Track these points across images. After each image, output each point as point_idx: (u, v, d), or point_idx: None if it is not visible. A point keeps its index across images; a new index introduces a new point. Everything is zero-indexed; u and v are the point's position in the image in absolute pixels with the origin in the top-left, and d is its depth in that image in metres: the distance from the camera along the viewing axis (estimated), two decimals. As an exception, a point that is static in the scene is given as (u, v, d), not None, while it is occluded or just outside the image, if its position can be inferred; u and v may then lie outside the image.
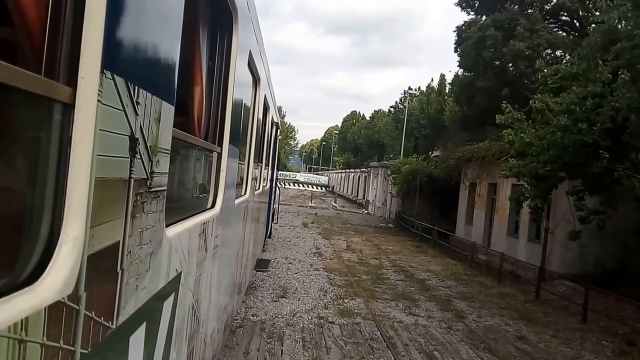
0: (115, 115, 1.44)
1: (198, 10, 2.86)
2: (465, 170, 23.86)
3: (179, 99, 2.13)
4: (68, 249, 1.25)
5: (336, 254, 16.98)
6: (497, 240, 19.57)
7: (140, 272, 1.77)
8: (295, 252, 16.30)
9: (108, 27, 1.33)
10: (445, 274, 15.75)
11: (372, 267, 15.30)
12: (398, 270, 15.36)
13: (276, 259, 14.37)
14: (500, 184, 19.65)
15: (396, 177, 31.16)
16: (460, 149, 24.03)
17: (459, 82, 32.89)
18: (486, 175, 21.08)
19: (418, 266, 16.61)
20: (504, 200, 18.82)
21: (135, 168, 1.62)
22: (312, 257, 15.60)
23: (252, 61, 4.64)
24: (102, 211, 1.40)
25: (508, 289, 14.19)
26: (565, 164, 11.63)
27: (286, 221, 26.36)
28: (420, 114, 51.67)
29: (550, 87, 13.16)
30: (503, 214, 19.31)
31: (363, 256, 17.26)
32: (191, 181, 3.37)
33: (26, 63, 1.22)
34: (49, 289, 1.18)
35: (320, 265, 14.43)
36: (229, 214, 4.07)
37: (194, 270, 2.74)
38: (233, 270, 5.20)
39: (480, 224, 21.77)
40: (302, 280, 11.95)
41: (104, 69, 1.33)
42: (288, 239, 19.44)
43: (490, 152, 19.58)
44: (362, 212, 42.01)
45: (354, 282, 12.45)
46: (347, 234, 24.17)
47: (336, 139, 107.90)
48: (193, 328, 2.89)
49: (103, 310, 1.47)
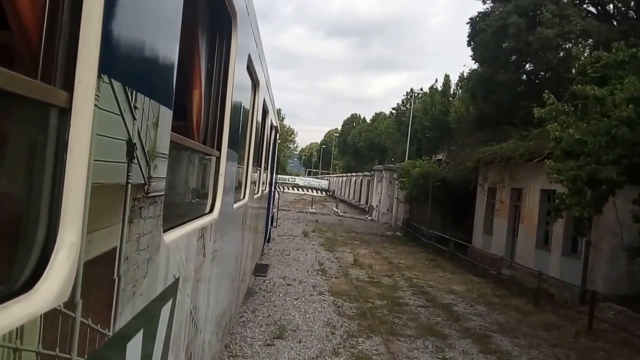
0: (112, 119, 1.42)
1: (197, 13, 2.85)
2: (484, 173, 21.38)
3: (177, 102, 2.11)
4: (64, 255, 1.23)
5: (342, 271, 14.97)
6: (523, 252, 17.27)
7: (137, 279, 1.75)
8: (294, 269, 14.31)
9: (105, 31, 1.32)
10: (471, 295, 13.54)
11: (385, 288, 13.14)
12: (416, 291, 13.18)
13: (272, 280, 12.28)
14: (526, 190, 17.58)
15: (405, 181, 28.42)
16: (479, 150, 21.45)
17: (477, 76, 29.62)
18: (509, 179, 18.75)
19: (438, 285, 14.44)
20: (531, 207, 17.01)
21: (132, 173, 1.60)
22: (315, 276, 13.59)
23: (251, 65, 4.63)
24: (99, 217, 1.39)
25: (550, 316, 11.94)
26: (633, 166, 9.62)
27: (285, 229, 24.25)
28: (424, 115, 50.53)
29: (591, 77, 11.43)
30: (530, 223, 17.10)
31: (373, 273, 15.12)
32: (189, 186, 3.35)
33: (22, 67, 1.20)
34: (45, 297, 1.16)
35: (324, 286, 12.35)
36: (228, 218, 4.05)
37: (192, 275, 2.72)
38: (232, 275, 5.18)
39: (501, 234, 19.36)
40: (304, 310, 9.93)
41: (101, 73, 1.31)
42: (287, 252, 17.32)
43: (517, 152, 17.05)
44: (366, 218, 39.96)
45: (367, 311, 10.41)
46: (352, 244, 21.90)
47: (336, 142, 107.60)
48: (191, 334, 2.87)
49: (100, 317, 1.45)
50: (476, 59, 29.93)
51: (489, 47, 27.15)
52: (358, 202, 53.85)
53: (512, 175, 18.41)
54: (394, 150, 62.68)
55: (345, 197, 61.86)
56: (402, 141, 59.43)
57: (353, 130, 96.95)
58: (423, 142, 49.87)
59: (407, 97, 68.74)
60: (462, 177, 22.86)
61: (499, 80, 26.55)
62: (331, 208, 46.04)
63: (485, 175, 21.29)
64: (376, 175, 42.15)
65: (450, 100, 48.54)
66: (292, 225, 27.21)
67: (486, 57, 28.07)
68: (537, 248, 16.60)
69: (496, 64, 27.21)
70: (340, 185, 71.18)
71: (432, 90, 53.79)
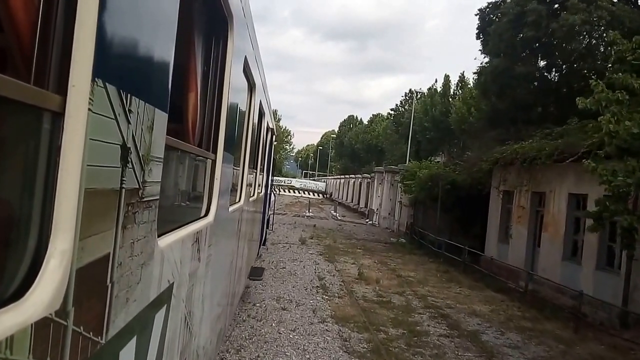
0: (106, 124, 1.40)
1: (193, 15, 2.83)
2: (499, 175, 19.31)
3: (172, 105, 2.09)
4: (56, 262, 1.20)
5: (346, 288, 12.99)
6: (547, 264, 15.32)
7: (131, 285, 1.73)
8: (291, 286, 12.46)
9: (100, 34, 1.30)
10: (498, 318, 11.63)
11: (398, 310, 11.21)
12: (434, 314, 11.25)
13: (264, 303, 10.38)
14: (550, 194, 15.66)
15: (410, 184, 26.05)
16: (495, 150, 19.40)
17: (491, 69, 26.67)
18: (529, 182, 16.88)
19: (457, 305, 12.52)
20: (556, 213, 15.18)
21: (126, 178, 1.58)
22: (315, 296, 11.69)
23: (247, 67, 4.61)
24: (92, 223, 1.36)
25: (596, 347, 10.32)
26: None
27: (280, 236, 22.22)
28: (424, 116, 49.80)
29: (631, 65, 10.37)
30: (555, 231, 15.20)
31: (382, 290, 13.17)
32: (184, 189, 3.33)
33: (14, 70, 1.18)
34: (36, 305, 1.14)
35: (326, 310, 10.47)
36: (223, 222, 4.02)
37: (186, 280, 2.69)
38: (227, 279, 5.14)
39: (520, 243, 17.42)
40: (303, 348, 8.06)
41: (95, 77, 1.29)
42: (282, 264, 15.44)
43: (543, 152, 15.22)
44: (366, 222, 38.00)
45: (380, 344, 8.62)
46: (354, 253, 19.92)
47: (333, 144, 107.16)
48: (185, 340, 2.84)
49: (92, 325, 1.43)
50: (488, 51, 27.50)
51: (505, 37, 24.84)
52: (357, 205, 52.09)
53: (533, 177, 16.62)
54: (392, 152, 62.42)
55: (343, 200, 60.17)
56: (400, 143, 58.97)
57: (350, 132, 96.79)
58: (422, 143, 49.13)
59: (405, 97, 68.56)
60: (473, 179, 20.86)
61: (516, 72, 24.29)
62: (329, 211, 44.40)
63: (501, 177, 19.25)
64: (376, 178, 40.11)
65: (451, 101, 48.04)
66: (288, 231, 25.43)
67: (501, 49, 25.65)
68: (565, 260, 14.68)
69: (512, 56, 24.94)
70: (338, 187, 69.19)
71: (431, 91, 53.16)
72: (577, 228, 14.40)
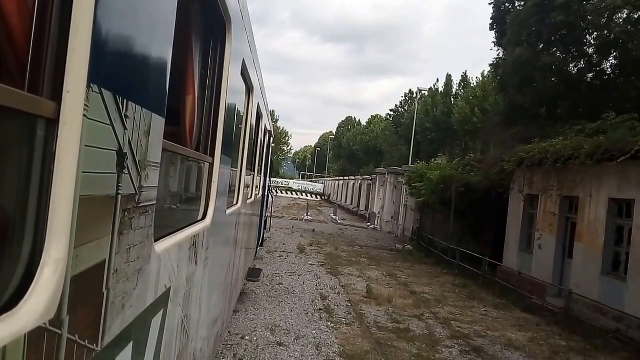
0: (102, 130, 1.39)
1: (190, 18, 2.82)
2: (523, 177, 17.30)
3: (170, 109, 2.08)
4: (50, 271, 1.19)
5: (354, 310, 11.09)
6: (582, 279, 13.33)
7: (127, 291, 1.71)
8: (288, 309, 10.38)
9: (95, 39, 1.28)
10: (542, 351, 9.81)
11: (420, 342, 9.28)
12: (465, 348, 9.31)
13: (255, 334, 8.47)
14: (585, 198, 13.69)
15: (418, 186, 24.02)
16: (521, 149, 17.32)
17: (512, 60, 23.65)
18: (558, 185, 15.06)
19: (488, 332, 10.54)
20: (593, 221, 13.28)
21: (122, 184, 1.56)
22: (318, 323, 9.66)
23: (245, 70, 4.60)
24: (87, 230, 1.35)
25: None
26: None
27: (276, 243, 20.27)
28: (425, 117, 48.81)
29: None
30: (592, 241, 13.21)
31: (396, 312, 11.26)
32: (181, 193, 3.31)
33: (8, 77, 1.16)
34: (30, 315, 1.12)
35: (333, 345, 8.50)
36: (221, 225, 4.01)
37: (183, 284, 2.68)
38: (224, 282, 5.12)
39: (547, 254, 15.46)
40: None
41: (90, 83, 1.27)
42: (278, 279, 13.48)
43: (582, 150, 13.27)
44: (367, 226, 36.08)
45: None
46: (359, 263, 18.05)
47: (331, 146, 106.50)
48: (182, 344, 2.82)
49: (87, 333, 1.41)
50: (507, 41, 24.77)
51: (529, 23, 22.18)
52: (357, 208, 50.04)
53: (564, 179, 14.81)
54: (391, 153, 61.87)
55: (342, 202, 58.32)
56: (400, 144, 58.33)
57: (348, 134, 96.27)
58: (423, 144, 48.18)
59: (405, 98, 68.07)
60: (492, 182, 18.90)
61: (541, 63, 21.79)
62: (328, 215, 42.61)
63: (525, 179, 17.21)
64: (378, 179, 38.01)
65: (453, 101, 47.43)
66: (285, 236, 23.61)
67: (523, 37, 22.95)
68: (605, 275, 12.69)
69: (537, 45, 22.35)
70: (337, 189, 67.33)
71: (431, 92, 52.06)
72: (620, 238, 12.48)
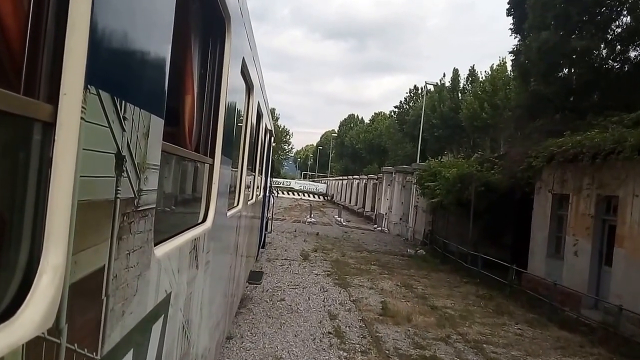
0: (100, 132, 1.35)
1: (189, 17, 2.78)
2: (552, 174, 15.55)
3: (169, 110, 2.04)
4: (48, 278, 1.16)
5: (369, 333, 9.35)
6: (626, 290, 11.68)
7: (127, 297, 1.68)
8: (292, 335, 8.70)
9: (93, 39, 1.25)
10: None
11: None
12: None
13: None
14: (627, 198, 12.01)
15: (431, 186, 21.98)
16: (551, 142, 15.45)
17: (537, 45, 20.91)
18: (595, 182, 13.38)
19: (528, 358, 9.16)
20: (637, 223, 11.64)
21: (121, 187, 1.53)
22: (327, 353, 8.03)
23: (245, 68, 4.56)
24: (86, 236, 1.31)
25: None
26: None
27: (278, 249, 18.64)
28: (432, 113, 47.24)
29: None
30: (636, 246, 11.63)
31: (418, 334, 9.64)
32: (181, 196, 3.27)
33: (3, 79, 1.13)
34: (28, 324, 1.09)
35: None
36: (221, 227, 3.97)
37: (184, 289, 2.64)
38: (226, 286, 5.09)
39: (582, 260, 13.73)
40: None
41: (87, 84, 1.24)
42: (279, 293, 11.79)
43: (626, 143, 11.62)
44: (374, 228, 34.16)
45: None
46: (369, 272, 16.09)
47: (333, 144, 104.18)
48: (183, 349, 2.79)
49: (86, 341, 1.38)
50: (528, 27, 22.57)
51: (554, 5, 19.91)
52: (362, 208, 47.50)
53: (600, 177, 13.16)
54: (395, 151, 60.65)
55: (346, 203, 55.95)
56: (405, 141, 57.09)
57: (351, 132, 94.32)
58: (429, 141, 46.62)
59: (410, 94, 66.42)
60: (516, 180, 16.91)
61: (571, 48, 19.73)
62: (332, 216, 40.47)
63: (554, 176, 15.47)
64: (385, 178, 35.75)
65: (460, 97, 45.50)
66: (287, 241, 21.79)
67: (548, 20, 20.62)
68: None
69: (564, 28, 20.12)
70: (340, 189, 65.08)
71: (437, 87, 50.35)
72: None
